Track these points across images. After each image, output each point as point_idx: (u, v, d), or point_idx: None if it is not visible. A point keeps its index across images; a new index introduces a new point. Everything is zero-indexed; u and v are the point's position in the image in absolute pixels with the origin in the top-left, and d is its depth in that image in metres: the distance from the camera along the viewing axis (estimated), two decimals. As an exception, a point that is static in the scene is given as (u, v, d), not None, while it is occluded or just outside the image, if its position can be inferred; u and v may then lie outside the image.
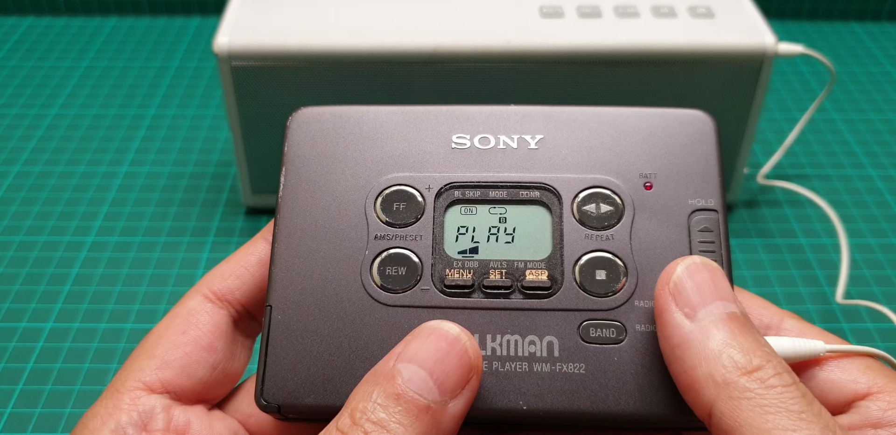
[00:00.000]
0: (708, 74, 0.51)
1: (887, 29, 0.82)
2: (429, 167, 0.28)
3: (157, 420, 0.26)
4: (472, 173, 0.28)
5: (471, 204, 0.28)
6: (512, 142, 0.28)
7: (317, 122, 0.29)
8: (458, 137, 0.28)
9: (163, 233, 0.57)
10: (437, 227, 0.27)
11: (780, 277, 0.53)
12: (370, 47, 0.49)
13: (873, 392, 0.25)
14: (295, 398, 0.25)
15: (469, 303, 0.26)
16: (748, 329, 0.23)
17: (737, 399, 0.21)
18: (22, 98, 0.71)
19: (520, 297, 0.26)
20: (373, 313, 0.26)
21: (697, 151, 0.28)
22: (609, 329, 0.26)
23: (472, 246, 0.27)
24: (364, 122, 0.29)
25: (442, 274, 0.26)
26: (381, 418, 0.22)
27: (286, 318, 0.26)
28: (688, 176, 0.27)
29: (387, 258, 0.27)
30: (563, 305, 0.26)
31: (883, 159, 0.64)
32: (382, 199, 0.27)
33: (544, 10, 0.53)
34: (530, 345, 0.25)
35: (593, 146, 0.28)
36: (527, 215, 0.27)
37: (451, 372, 0.23)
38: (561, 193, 0.27)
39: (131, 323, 0.50)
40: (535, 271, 0.26)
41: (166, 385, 0.26)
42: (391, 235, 0.27)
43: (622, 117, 0.28)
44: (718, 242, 0.26)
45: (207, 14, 0.84)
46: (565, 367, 0.25)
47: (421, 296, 0.26)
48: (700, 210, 0.27)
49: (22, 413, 0.45)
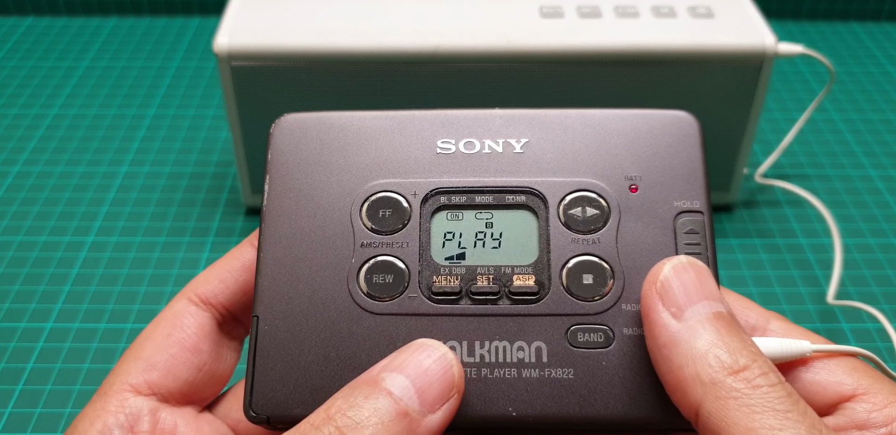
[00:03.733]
0: (708, 74, 0.51)
1: (887, 29, 0.82)
2: (414, 173, 0.28)
3: (144, 422, 0.26)
4: (458, 178, 0.28)
5: (457, 209, 0.27)
6: (497, 146, 0.28)
7: (301, 128, 0.28)
8: (443, 142, 0.28)
9: (163, 233, 0.57)
10: (424, 233, 0.27)
11: (779, 277, 0.54)
12: (370, 47, 0.49)
13: (858, 394, 0.25)
14: (283, 409, 0.25)
15: (457, 310, 0.26)
16: (734, 328, 0.23)
17: (723, 399, 0.21)
18: (22, 98, 0.71)
19: (507, 302, 0.26)
20: (360, 322, 0.26)
21: (682, 153, 0.28)
22: (597, 333, 0.26)
23: (458, 252, 0.27)
24: (348, 129, 0.28)
25: (429, 281, 0.26)
26: (356, 415, 0.22)
27: (273, 328, 0.26)
28: (673, 178, 0.27)
29: (373, 266, 0.26)
30: (550, 310, 0.26)
31: (882, 159, 0.64)
32: (368, 205, 0.27)
33: (544, 10, 0.53)
34: (518, 351, 0.25)
35: (578, 149, 0.28)
36: (513, 220, 0.27)
37: (434, 385, 0.23)
38: (547, 197, 0.27)
39: (131, 323, 0.50)
40: (523, 276, 0.26)
41: (152, 386, 0.26)
42: (377, 243, 0.27)
43: (607, 120, 0.28)
44: (704, 243, 0.26)
45: (207, 14, 0.84)
46: (554, 372, 0.25)
47: (408, 303, 0.26)
48: (686, 212, 0.27)
49: (22, 413, 0.45)
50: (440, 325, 0.26)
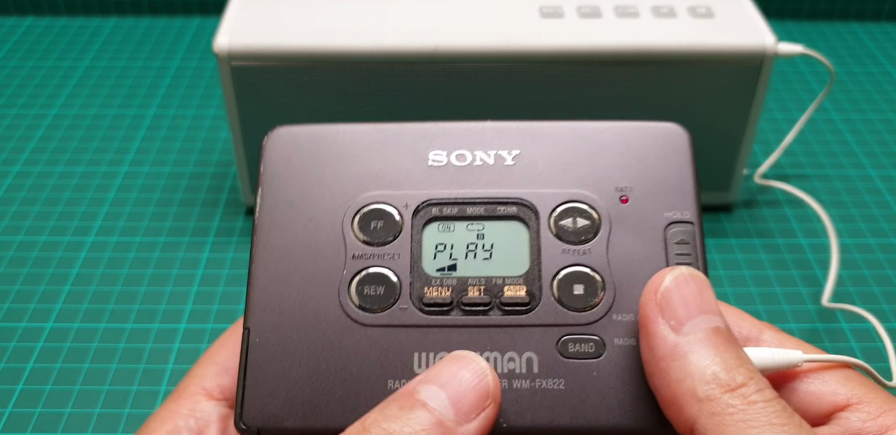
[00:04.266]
0: (708, 74, 0.51)
1: (887, 29, 0.82)
2: (406, 185, 0.28)
3: (212, 428, 0.26)
4: (449, 190, 0.28)
5: (448, 221, 0.27)
6: (488, 158, 0.28)
7: (293, 141, 0.29)
8: (435, 154, 0.28)
9: (163, 233, 0.57)
10: (415, 244, 0.27)
11: (778, 277, 0.54)
12: (370, 47, 0.49)
13: (853, 403, 0.25)
14: (274, 421, 0.25)
15: (448, 321, 0.26)
16: (732, 344, 0.23)
17: (720, 415, 0.22)
18: (22, 98, 0.71)
19: (498, 313, 0.26)
20: (352, 334, 0.26)
21: (672, 164, 0.28)
22: (588, 344, 0.26)
23: (450, 263, 0.27)
24: (340, 141, 0.28)
25: (420, 292, 0.26)
26: (391, 426, 0.22)
27: (264, 340, 0.26)
28: (663, 189, 0.27)
29: (365, 277, 0.26)
30: (541, 320, 0.26)
31: (882, 159, 0.64)
32: (360, 217, 0.27)
33: (544, 10, 0.53)
34: (509, 362, 0.25)
35: (569, 161, 0.28)
36: (504, 231, 0.27)
37: (468, 395, 0.23)
38: (538, 209, 0.27)
39: (131, 323, 0.50)
40: (514, 287, 0.26)
41: (224, 391, 0.27)
42: (369, 254, 0.27)
43: (597, 131, 0.28)
44: (695, 253, 0.26)
45: (207, 14, 0.84)
46: (545, 383, 0.25)
47: (400, 315, 0.26)
48: (676, 222, 0.27)
49: (22, 413, 0.45)
50: (431, 336, 0.26)
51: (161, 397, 0.46)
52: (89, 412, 0.45)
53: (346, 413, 0.25)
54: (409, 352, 0.26)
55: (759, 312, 0.51)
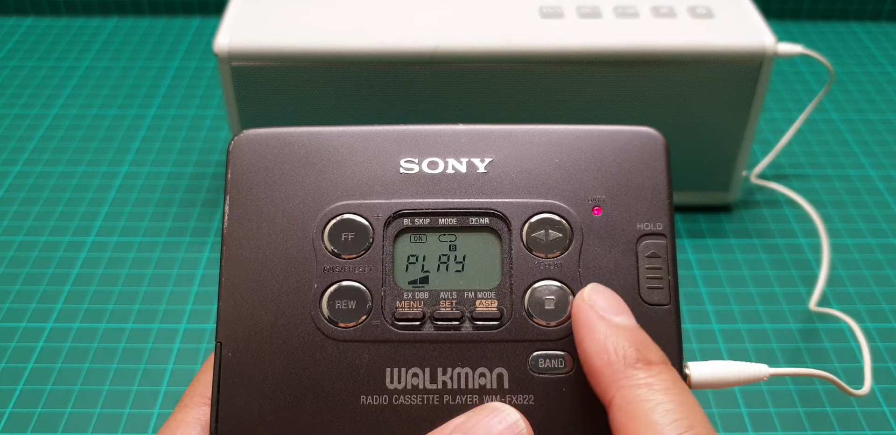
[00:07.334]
0: (708, 74, 0.51)
1: (887, 29, 0.82)
2: (377, 194, 0.27)
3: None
4: (421, 200, 0.27)
5: (420, 232, 0.27)
6: (461, 166, 0.27)
7: (260, 146, 0.28)
8: (407, 162, 0.27)
9: (163, 233, 0.57)
10: (387, 256, 0.27)
11: (778, 277, 0.54)
12: (370, 47, 0.49)
13: None
14: None
15: (420, 336, 0.26)
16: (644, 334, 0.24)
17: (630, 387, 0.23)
18: (22, 98, 0.71)
19: (470, 328, 0.26)
20: (323, 349, 0.26)
21: (646, 172, 0.27)
22: (558, 359, 0.26)
23: (422, 276, 0.27)
24: (309, 146, 0.28)
25: (392, 306, 0.26)
26: None
27: (236, 355, 0.26)
28: (637, 199, 0.27)
29: (336, 291, 0.26)
30: (512, 336, 0.26)
31: (882, 159, 0.64)
32: (330, 229, 0.27)
33: (544, 10, 0.53)
34: (480, 377, 0.25)
35: (542, 169, 0.27)
36: (476, 243, 0.27)
37: None
38: (510, 220, 0.27)
39: (131, 323, 0.50)
40: (485, 301, 0.26)
41: None
42: (340, 267, 0.26)
43: (571, 138, 0.28)
44: (666, 267, 0.26)
45: (207, 14, 0.84)
46: (515, 398, 0.25)
47: (371, 330, 0.26)
48: (648, 235, 0.27)
49: (22, 413, 0.45)
50: (403, 351, 0.26)
51: (161, 397, 0.46)
52: (89, 412, 0.45)
53: (320, 428, 0.25)
54: (381, 367, 0.25)
55: (759, 312, 0.51)
